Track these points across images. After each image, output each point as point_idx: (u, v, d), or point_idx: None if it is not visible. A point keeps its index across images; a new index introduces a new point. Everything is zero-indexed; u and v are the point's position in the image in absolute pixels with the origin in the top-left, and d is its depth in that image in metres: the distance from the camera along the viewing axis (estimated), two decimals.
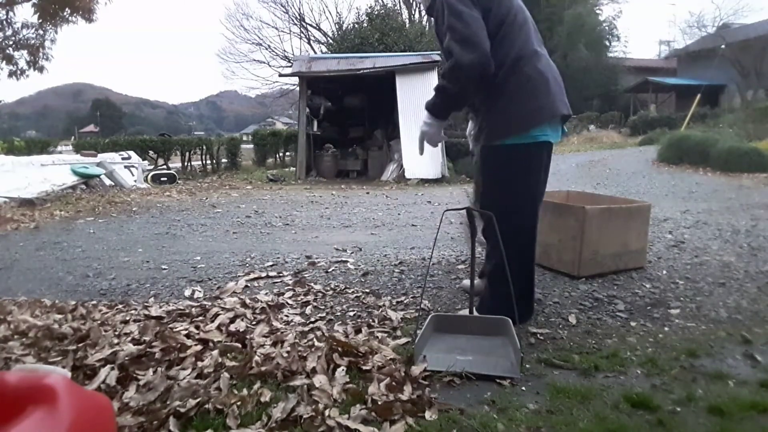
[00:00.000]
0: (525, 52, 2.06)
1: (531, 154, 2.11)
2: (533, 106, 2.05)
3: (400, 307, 2.44)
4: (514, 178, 2.11)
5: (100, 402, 0.77)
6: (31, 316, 2.24)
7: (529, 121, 2.06)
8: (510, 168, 2.10)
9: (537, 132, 2.08)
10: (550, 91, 2.09)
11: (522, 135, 2.06)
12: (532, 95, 2.05)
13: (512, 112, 2.05)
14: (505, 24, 2.03)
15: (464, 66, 1.92)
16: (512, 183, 2.11)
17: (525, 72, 2.05)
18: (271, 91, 27.48)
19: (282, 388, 1.64)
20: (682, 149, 10.72)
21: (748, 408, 1.55)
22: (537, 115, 2.06)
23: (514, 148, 2.07)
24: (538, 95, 2.06)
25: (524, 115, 2.05)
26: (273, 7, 24.82)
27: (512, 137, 2.07)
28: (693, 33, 26.12)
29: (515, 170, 2.10)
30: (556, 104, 2.10)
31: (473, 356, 1.87)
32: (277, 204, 6.69)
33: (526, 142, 2.07)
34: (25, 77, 12.39)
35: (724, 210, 5.34)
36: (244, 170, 12.74)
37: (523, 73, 2.05)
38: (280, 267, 3.26)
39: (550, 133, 2.13)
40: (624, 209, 2.99)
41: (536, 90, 2.06)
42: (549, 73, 2.11)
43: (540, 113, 2.07)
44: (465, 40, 1.93)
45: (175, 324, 2.15)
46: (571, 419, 1.50)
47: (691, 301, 2.53)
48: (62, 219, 5.40)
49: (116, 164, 8.82)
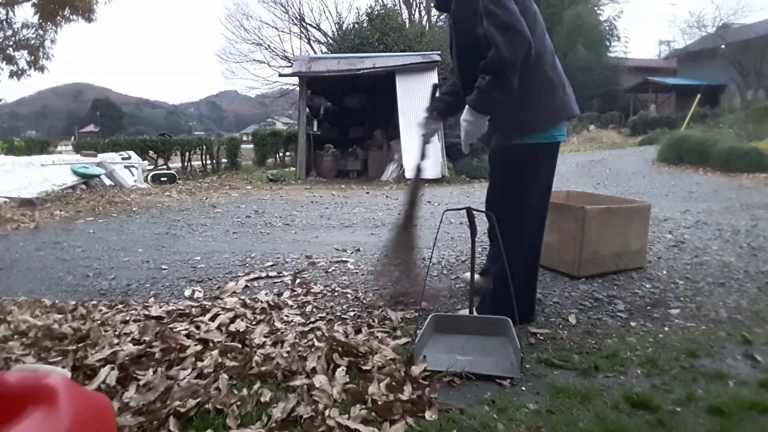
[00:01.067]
0: (545, 50, 2.05)
1: (547, 153, 2.11)
2: (554, 105, 2.05)
3: (400, 307, 2.44)
4: (528, 177, 2.09)
5: (100, 402, 0.77)
6: (31, 316, 2.24)
7: (549, 120, 2.06)
8: (526, 167, 2.08)
9: (555, 131, 2.09)
10: (566, 91, 2.10)
11: (540, 134, 2.06)
12: (552, 94, 2.05)
13: (534, 110, 2.03)
14: (528, 19, 1.94)
15: (510, 53, 1.82)
16: (525, 182, 2.08)
17: (546, 71, 2.04)
18: (271, 91, 27.44)
19: (282, 388, 1.64)
20: (682, 149, 10.73)
21: (748, 408, 1.55)
22: (557, 115, 2.07)
23: (532, 147, 2.06)
24: (558, 95, 2.06)
25: (545, 114, 2.05)
26: (273, 7, 24.80)
27: (532, 136, 2.05)
28: (693, 33, 26.14)
29: (531, 169, 2.08)
30: (572, 104, 2.12)
31: (473, 356, 1.87)
32: (277, 204, 6.69)
33: (544, 142, 2.07)
34: (26, 77, 12.38)
35: (724, 210, 5.34)
36: (244, 170, 12.74)
37: (544, 71, 2.03)
38: (280, 267, 3.26)
39: (561, 132, 2.14)
40: (624, 209, 2.99)
41: (556, 89, 2.06)
42: (563, 74, 2.12)
43: (559, 113, 2.08)
44: (508, 26, 1.83)
45: (175, 324, 2.15)
46: (571, 419, 1.50)
47: (691, 301, 2.53)
48: (62, 219, 5.40)
49: (116, 164, 8.82)
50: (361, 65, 10.47)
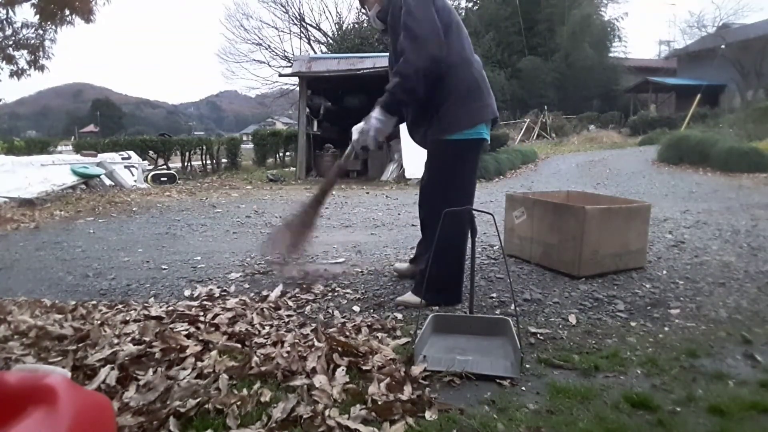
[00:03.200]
0: (469, 56, 2.32)
1: (474, 149, 2.37)
2: (479, 104, 2.30)
3: (400, 307, 2.45)
4: (459, 170, 2.35)
5: (100, 402, 0.77)
6: (31, 316, 2.24)
7: (475, 118, 2.30)
8: (456, 160, 2.34)
9: (481, 129, 2.33)
10: (489, 93, 2.36)
11: (468, 131, 2.30)
12: (476, 95, 2.30)
13: (461, 109, 2.27)
14: (452, 28, 2.25)
15: (416, 61, 2.12)
16: (456, 174, 2.34)
17: (474, 75, 2.31)
18: (271, 91, 27.47)
19: (282, 388, 1.64)
20: (682, 149, 10.73)
21: (748, 408, 1.55)
22: (482, 113, 2.31)
23: (460, 142, 2.31)
24: (482, 95, 2.32)
25: (471, 112, 2.29)
26: (273, 7, 24.84)
27: (460, 132, 2.29)
28: (693, 33, 26.11)
29: (460, 163, 2.34)
30: (494, 106, 2.38)
31: (473, 356, 1.87)
32: (277, 204, 6.69)
33: (471, 138, 2.31)
34: (26, 76, 12.36)
35: (724, 210, 5.34)
36: (244, 170, 12.74)
37: (472, 75, 2.30)
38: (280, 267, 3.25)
39: (487, 131, 2.38)
40: (624, 209, 2.99)
41: (479, 90, 2.31)
42: (485, 79, 2.38)
43: (484, 111, 2.32)
44: (417, 37, 2.12)
45: (175, 324, 2.15)
46: (571, 419, 1.50)
47: (691, 301, 2.53)
48: (62, 219, 5.40)
49: (116, 164, 8.82)
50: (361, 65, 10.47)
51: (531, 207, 3.14)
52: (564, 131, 21.85)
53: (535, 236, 3.09)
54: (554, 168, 11.84)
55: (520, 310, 2.37)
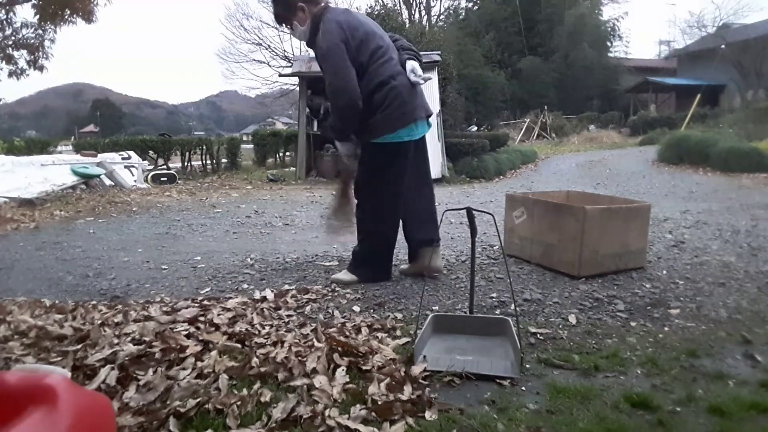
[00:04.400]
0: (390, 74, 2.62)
1: (397, 150, 2.67)
2: (396, 114, 2.61)
3: (400, 307, 2.45)
4: (383, 168, 2.69)
5: (100, 402, 0.77)
6: (31, 316, 2.24)
7: (394, 125, 2.61)
8: (379, 160, 2.68)
9: (402, 133, 2.64)
10: (407, 102, 2.63)
11: (390, 135, 2.62)
12: (399, 104, 2.60)
13: (380, 119, 2.60)
14: (369, 58, 2.59)
15: (338, 108, 2.60)
16: (381, 172, 2.69)
17: (393, 88, 2.60)
18: (271, 91, 27.38)
19: (282, 388, 1.64)
20: (682, 149, 10.73)
21: (748, 408, 1.55)
22: (399, 121, 2.62)
23: (385, 145, 2.65)
24: (399, 106, 2.60)
25: (390, 121, 2.60)
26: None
27: (383, 137, 2.62)
28: (693, 33, 26.05)
29: (384, 162, 2.68)
30: (416, 111, 2.67)
31: (473, 356, 1.87)
32: (277, 204, 6.69)
33: (394, 141, 2.64)
34: (25, 76, 12.37)
35: (724, 210, 5.34)
36: (244, 170, 12.72)
37: (393, 86, 2.60)
38: (280, 266, 3.25)
39: (416, 132, 2.70)
40: (624, 209, 2.99)
41: (395, 102, 2.60)
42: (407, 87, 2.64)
43: (401, 119, 2.62)
44: (336, 90, 2.56)
45: (176, 324, 2.15)
46: (571, 419, 1.50)
47: (691, 301, 2.53)
48: (62, 219, 5.40)
49: (116, 164, 8.80)
50: None
51: (531, 207, 3.14)
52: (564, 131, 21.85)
53: (535, 236, 3.09)
54: (554, 168, 11.85)
55: (520, 310, 2.37)
